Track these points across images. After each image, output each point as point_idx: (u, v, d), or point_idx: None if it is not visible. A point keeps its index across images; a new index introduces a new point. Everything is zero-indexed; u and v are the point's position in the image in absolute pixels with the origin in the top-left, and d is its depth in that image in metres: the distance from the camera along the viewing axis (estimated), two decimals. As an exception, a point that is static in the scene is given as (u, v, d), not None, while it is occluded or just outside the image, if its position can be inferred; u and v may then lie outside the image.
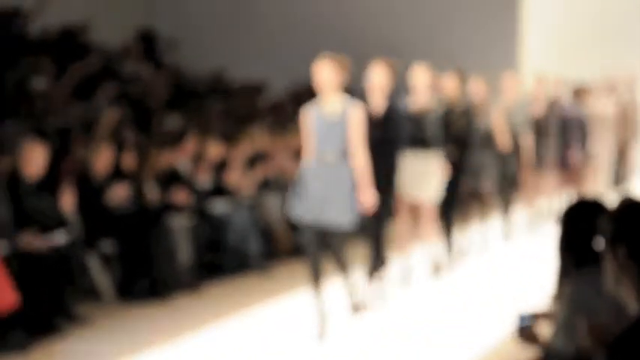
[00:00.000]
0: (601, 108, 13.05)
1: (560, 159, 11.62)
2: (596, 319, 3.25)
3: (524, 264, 9.50)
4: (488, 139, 9.77)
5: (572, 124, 11.81)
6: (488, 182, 9.99)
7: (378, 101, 7.67)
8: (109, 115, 9.79)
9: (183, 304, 8.03)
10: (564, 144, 11.67)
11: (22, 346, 6.78)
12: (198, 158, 9.51)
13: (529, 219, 11.29)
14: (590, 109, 12.81)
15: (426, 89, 8.33)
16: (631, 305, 2.88)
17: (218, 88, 13.18)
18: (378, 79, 7.66)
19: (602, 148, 12.99)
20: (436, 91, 8.62)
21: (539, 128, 10.87)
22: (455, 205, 9.11)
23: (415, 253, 8.68)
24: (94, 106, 10.27)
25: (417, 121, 8.23)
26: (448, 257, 9.17)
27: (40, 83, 10.51)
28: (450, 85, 9.05)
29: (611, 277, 2.90)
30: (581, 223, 3.79)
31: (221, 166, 9.61)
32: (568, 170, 12.01)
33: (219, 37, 13.62)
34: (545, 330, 3.90)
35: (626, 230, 2.91)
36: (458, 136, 8.84)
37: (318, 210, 6.79)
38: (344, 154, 6.81)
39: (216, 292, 8.49)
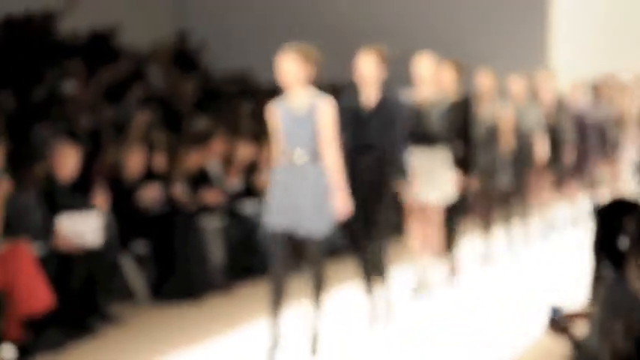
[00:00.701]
0: (627, 105, 12.84)
1: (578, 164, 11.13)
2: (632, 320, 3.26)
3: (542, 269, 9.26)
4: (492, 137, 9.19)
5: (591, 127, 11.34)
6: (503, 181, 9.35)
7: (370, 94, 6.93)
8: (140, 117, 9.87)
9: (215, 305, 8.08)
10: (582, 148, 11.17)
11: (57, 345, 6.85)
12: (228, 160, 9.57)
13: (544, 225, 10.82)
14: (612, 107, 12.45)
15: (430, 80, 7.74)
16: None
17: (247, 89, 13.21)
18: (368, 69, 6.90)
19: (627, 151, 12.71)
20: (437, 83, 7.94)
21: (552, 130, 10.36)
22: (462, 209, 8.57)
23: (429, 262, 8.07)
24: (124, 108, 10.35)
25: (422, 115, 7.63)
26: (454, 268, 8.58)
27: (70, 87, 10.59)
28: (446, 76, 8.32)
29: (635, 276, 2.91)
30: (614, 223, 3.79)
31: (251, 168, 9.65)
32: (585, 175, 11.57)
33: (247, 39, 13.66)
34: (579, 329, 3.92)
35: None
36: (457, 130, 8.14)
37: (290, 218, 6.10)
38: (315, 153, 6.10)
39: (248, 292, 8.45)
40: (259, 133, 10.08)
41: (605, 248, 3.83)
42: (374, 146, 6.87)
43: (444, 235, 8.12)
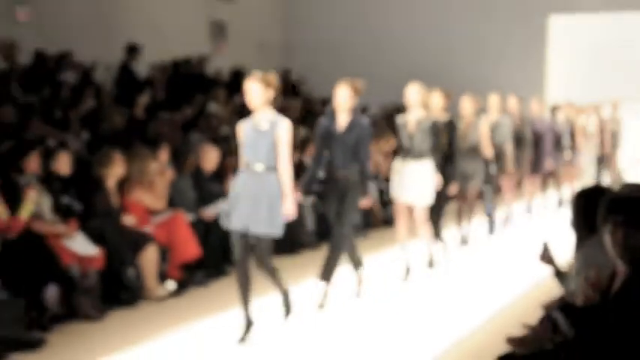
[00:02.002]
0: (586, 123, 12.19)
1: (535, 165, 10.25)
2: (601, 273, 3.16)
3: (507, 252, 8.43)
4: (476, 149, 8.41)
5: (547, 136, 10.47)
6: (475, 185, 8.48)
7: (343, 118, 6.08)
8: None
9: (308, 258, 8.01)
10: (539, 152, 10.31)
11: (202, 282, 6.92)
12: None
13: (507, 217, 9.84)
14: (576, 123, 11.81)
15: (418, 105, 6.87)
16: (618, 263, 2.86)
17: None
18: (342, 98, 6.04)
19: (585, 157, 12.05)
20: (426, 107, 7.11)
21: (518, 140, 9.52)
22: (443, 208, 7.54)
23: (412, 250, 7.27)
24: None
25: (410, 133, 6.85)
26: (441, 253, 7.70)
27: (214, 107, 10.69)
28: (435, 101, 7.55)
29: (607, 243, 2.86)
30: (588, 204, 3.70)
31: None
32: (544, 174, 10.79)
33: (334, 70, 13.62)
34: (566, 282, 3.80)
35: (614, 210, 2.86)
36: (441, 147, 7.26)
37: (246, 218, 5.20)
38: (271, 165, 5.22)
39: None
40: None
41: (583, 223, 3.72)
42: (344, 160, 6.04)
43: (431, 226, 7.29)
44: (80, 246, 6.02)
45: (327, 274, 6.12)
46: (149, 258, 6.44)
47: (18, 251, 5.52)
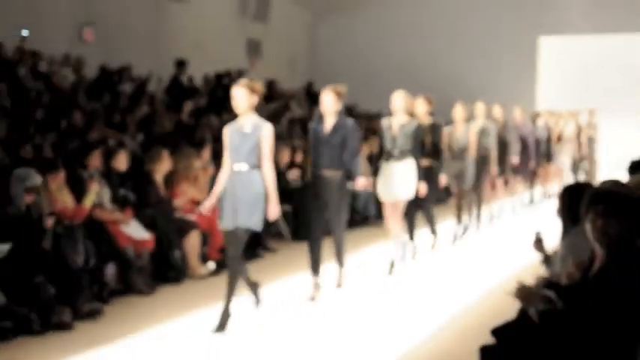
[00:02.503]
0: (564, 129, 11.97)
1: (519, 167, 9.97)
2: (583, 258, 3.13)
3: (496, 243, 8.15)
4: (464, 150, 8.12)
5: (529, 140, 10.23)
6: (468, 183, 8.17)
7: (329, 121, 5.64)
8: (288, 130, 9.91)
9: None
10: (524, 155, 10.05)
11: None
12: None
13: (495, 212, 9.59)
14: (554, 129, 11.55)
15: (402, 110, 6.46)
16: (597, 247, 2.82)
17: (354, 114, 13.12)
18: (327, 103, 5.59)
19: (563, 158, 11.78)
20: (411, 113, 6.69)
21: (502, 144, 9.19)
22: (432, 201, 7.21)
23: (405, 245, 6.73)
24: (280, 126, 10.39)
25: (393, 136, 6.42)
26: (433, 243, 7.42)
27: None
28: (420, 107, 7.18)
29: (588, 231, 2.84)
30: (573, 198, 3.65)
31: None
32: (528, 174, 10.46)
33: (356, 82, 13.58)
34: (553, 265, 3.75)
35: (595, 201, 2.83)
36: (426, 147, 6.97)
37: (233, 216, 4.77)
38: (254, 165, 4.79)
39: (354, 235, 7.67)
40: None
41: (568, 214, 3.67)
42: (330, 161, 5.58)
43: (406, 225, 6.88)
44: (134, 231, 6.05)
45: (315, 266, 5.68)
46: (193, 242, 6.45)
47: (83, 235, 5.56)
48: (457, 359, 4.39)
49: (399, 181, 6.40)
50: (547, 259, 3.83)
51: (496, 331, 3.05)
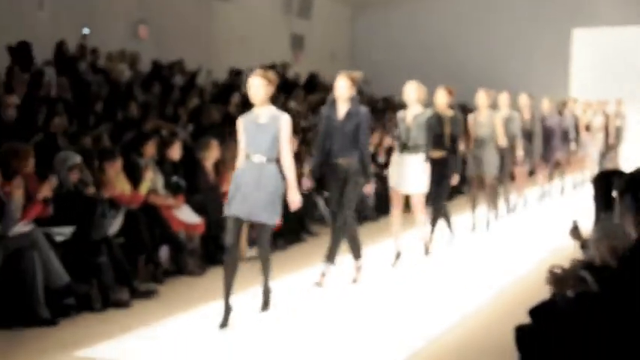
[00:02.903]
0: (592, 119, 11.52)
1: (545, 157, 9.61)
2: (616, 243, 3.05)
3: (521, 232, 7.89)
4: (491, 138, 7.75)
5: (556, 131, 9.80)
6: (491, 173, 7.74)
7: (342, 107, 5.37)
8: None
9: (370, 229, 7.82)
10: (549, 146, 9.64)
11: (283, 247, 6.93)
12: (379, 144, 9.47)
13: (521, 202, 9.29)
14: (581, 119, 11.02)
15: (415, 102, 6.17)
16: (632, 233, 2.75)
17: (390, 106, 13.01)
18: (341, 89, 5.34)
19: (591, 147, 11.29)
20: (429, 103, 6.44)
21: (529, 134, 8.89)
22: (445, 195, 6.76)
23: (408, 236, 6.55)
24: (316, 116, 10.37)
25: (408, 128, 6.13)
26: (450, 235, 7.05)
27: (293, 104, 10.67)
28: (440, 99, 6.80)
29: (621, 216, 2.78)
30: (607, 185, 3.58)
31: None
32: (553, 164, 10.01)
33: (393, 74, 13.40)
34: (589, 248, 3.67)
35: (628, 187, 2.76)
36: (446, 138, 6.66)
37: (247, 207, 4.47)
38: (272, 158, 4.51)
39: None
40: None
41: (604, 199, 3.58)
42: (343, 148, 5.31)
43: (430, 216, 6.64)
44: (186, 215, 6.11)
45: (331, 255, 5.50)
46: (240, 226, 6.48)
47: (139, 219, 5.65)
48: (483, 347, 4.27)
49: (410, 174, 6.11)
50: (584, 245, 3.75)
51: (533, 312, 2.99)
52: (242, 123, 4.61)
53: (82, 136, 6.50)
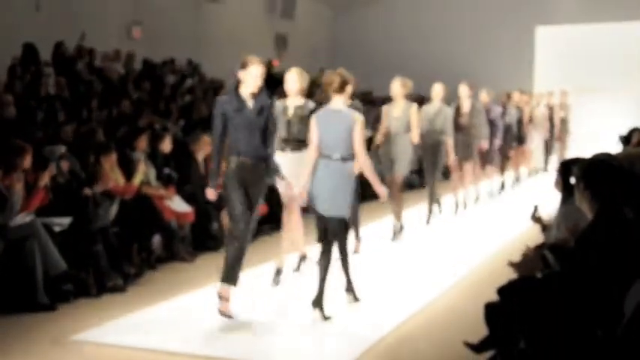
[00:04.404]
0: (535, 110, 10.68)
1: (489, 153, 8.60)
2: (576, 225, 3.06)
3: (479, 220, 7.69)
4: (405, 133, 6.76)
5: (499, 123, 8.84)
6: (401, 170, 7.09)
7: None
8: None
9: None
10: (491, 139, 8.53)
11: (268, 233, 6.89)
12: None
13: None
14: (524, 111, 10.10)
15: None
16: (589, 215, 2.77)
17: (368, 100, 12.93)
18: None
19: (535, 139, 10.59)
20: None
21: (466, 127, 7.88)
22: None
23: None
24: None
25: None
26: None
27: (276, 100, 10.54)
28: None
29: (579, 200, 2.80)
30: (568, 172, 3.59)
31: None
32: (502, 158, 9.23)
33: (372, 71, 13.32)
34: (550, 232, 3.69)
35: (583, 174, 2.79)
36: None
37: (322, 202, 4.27)
38: (346, 153, 4.27)
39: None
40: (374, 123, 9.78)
41: (566, 186, 3.60)
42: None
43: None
44: (177, 205, 6.06)
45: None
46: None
47: (132, 209, 5.59)
48: (464, 314, 4.36)
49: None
50: (544, 228, 3.76)
51: (501, 290, 2.99)
52: (315, 121, 4.35)
53: (78, 130, 6.39)
